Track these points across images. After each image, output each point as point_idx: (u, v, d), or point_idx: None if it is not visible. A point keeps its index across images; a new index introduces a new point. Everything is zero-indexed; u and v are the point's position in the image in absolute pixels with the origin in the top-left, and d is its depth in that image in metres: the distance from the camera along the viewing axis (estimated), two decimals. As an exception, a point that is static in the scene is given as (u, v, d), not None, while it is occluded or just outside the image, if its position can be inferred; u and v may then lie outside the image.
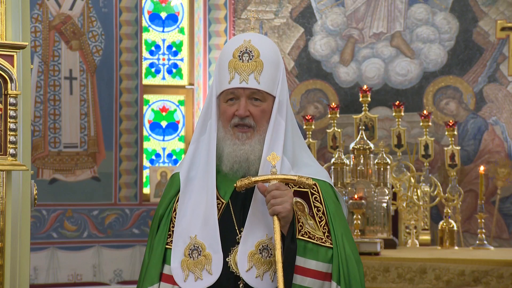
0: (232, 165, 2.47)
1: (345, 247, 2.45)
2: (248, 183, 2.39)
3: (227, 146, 2.48)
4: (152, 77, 8.61)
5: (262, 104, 2.48)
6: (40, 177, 7.87)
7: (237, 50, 2.49)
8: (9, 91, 2.52)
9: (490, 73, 8.08)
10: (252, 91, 2.47)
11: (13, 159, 2.53)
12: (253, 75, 2.46)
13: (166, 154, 8.56)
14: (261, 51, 2.49)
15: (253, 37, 2.52)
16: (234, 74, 2.47)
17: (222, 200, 2.50)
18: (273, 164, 2.41)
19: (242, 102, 2.46)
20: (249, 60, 2.47)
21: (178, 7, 8.66)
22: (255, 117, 2.47)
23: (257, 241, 2.44)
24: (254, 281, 2.41)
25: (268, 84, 2.48)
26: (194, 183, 2.52)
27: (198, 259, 2.44)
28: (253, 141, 2.47)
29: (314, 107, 8.38)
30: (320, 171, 2.57)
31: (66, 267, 7.91)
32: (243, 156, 2.46)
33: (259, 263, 2.42)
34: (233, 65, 2.47)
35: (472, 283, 5.04)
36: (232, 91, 2.47)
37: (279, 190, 2.38)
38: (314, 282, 2.41)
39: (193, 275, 2.44)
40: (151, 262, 2.51)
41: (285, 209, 2.37)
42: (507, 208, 7.93)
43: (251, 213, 2.45)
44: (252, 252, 2.43)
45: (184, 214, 2.50)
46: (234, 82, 2.46)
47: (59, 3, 8.05)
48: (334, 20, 8.42)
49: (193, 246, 2.45)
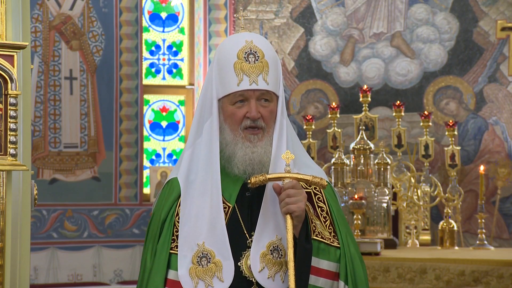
0: (246, 168, 2.44)
1: (350, 247, 2.46)
2: (262, 180, 2.38)
3: (238, 149, 2.45)
4: (152, 77, 8.61)
5: (270, 104, 2.47)
6: (40, 177, 7.87)
7: (241, 51, 2.46)
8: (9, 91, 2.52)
9: (490, 73, 8.07)
10: (262, 92, 2.45)
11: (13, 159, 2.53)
12: (261, 76, 2.44)
13: (166, 154, 8.56)
14: (265, 52, 2.47)
15: (254, 37, 2.50)
16: (243, 76, 2.44)
17: (228, 204, 2.48)
18: (287, 162, 2.40)
19: (253, 104, 2.44)
20: (255, 61, 2.45)
21: (178, 7, 8.66)
22: (265, 118, 2.46)
23: (268, 242, 2.43)
24: (266, 282, 2.40)
25: (274, 84, 2.48)
26: (194, 187, 2.48)
27: (208, 266, 2.41)
28: (264, 143, 2.46)
29: (314, 107, 8.38)
30: (319, 170, 2.57)
31: (66, 267, 7.91)
32: (257, 158, 2.44)
33: (270, 264, 2.41)
34: (240, 66, 2.44)
35: (472, 283, 5.04)
36: (242, 93, 2.44)
37: (295, 189, 2.37)
38: (326, 282, 2.42)
39: (203, 282, 2.41)
40: (155, 267, 2.47)
41: (300, 209, 2.35)
42: (507, 208, 7.93)
43: (262, 214, 2.43)
44: (264, 253, 2.42)
45: (187, 219, 2.46)
46: (244, 84, 2.43)
47: (59, 3, 8.05)
48: (334, 20, 8.42)
49: (201, 253, 2.42)
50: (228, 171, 2.48)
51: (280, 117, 2.48)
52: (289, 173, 2.40)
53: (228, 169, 2.47)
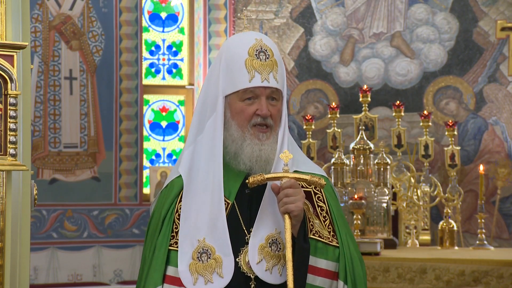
0: (252, 165, 2.45)
1: (349, 246, 2.46)
2: (260, 179, 2.38)
3: (246, 145, 2.45)
4: (152, 77, 8.61)
5: (278, 103, 2.48)
6: (40, 177, 7.87)
7: (252, 49, 2.47)
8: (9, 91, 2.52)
9: (490, 73, 8.08)
10: (272, 90, 2.46)
11: (13, 159, 2.53)
12: (272, 74, 2.46)
13: (166, 154, 8.57)
14: (273, 50, 2.49)
15: (262, 36, 2.52)
16: (254, 73, 2.44)
17: (227, 200, 2.48)
18: (285, 162, 2.41)
19: (264, 102, 2.45)
20: (266, 59, 2.46)
21: (178, 7, 8.67)
22: (273, 116, 2.47)
23: (267, 235, 2.43)
24: (264, 274, 2.41)
25: (282, 83, 2.50)
26: (196, 184, 2.49)
27: (208, 262, 2.42)
28: (271, 141, 2.47)
29: (314, 107, 8.38)
30: (316, 167, 2.59)
31: (66, 267, 7.91)
32: (264, 156, 2.45)
33: (268, 257, 2.42)
34: (251, 63, 2.45)
35: (472, 283, 5.04)
36: (253, 90, 2.44)
37: (293, 188, 2.37)
38: (324, 281, 2.42)
39: (203, 278, 2.42)
40: (154, 263, 2.48)
41: (298, 208, 2.36)
42: (507, 208, 7.93)
43: (261, 211, 2.44)
44: (262, 245, 2.42)
45: (188, 215, 2.47)
46: (256, 81, 2.44)
47: (59, 3, 8.05)
48: (334, 20, 8.42)
49: (201, 249, 2.43)
50: (232, 168, 2.49)
51: (285, 117, 2.50)
52: (287, 173, 2.40)
53: (233, 165, 2.48)
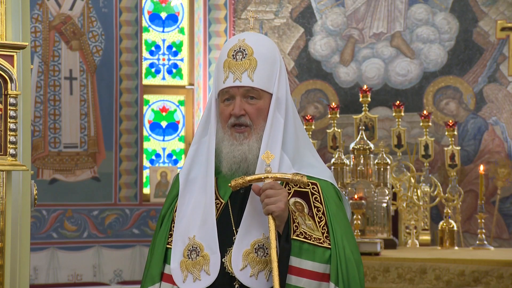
0: (231, 166, 2.46)
1: (345, 248, 2.42)
2: (242, 182, 2.37)
3: (225, 146, 2.47)
4: (152, 77, 8.61)
5: (258, 102, 2.46)
6: (40, 177, 7.86)
7: (231, 50, 2.48)
8: (9, 91, 2.52)
9: (490, 73, 8.07)
10: (247, 89, 2.45)
11: (13, 159, 2.54)
12: (246, 73, 2.45)
13: (166, 154, 8.56)
14: (255, 49, 2.47)
15: (248, 36, 2.51)
16: (228, 74, 2.46)
17: (221, 200, 2.50)
18: (267, 162, 2.39)
19: (237, 101, 2.45)
20: (242, 59, 2.46)
21: (178, 7, 8.66)
22: (251, 115, 2.46)
23: (253, 240, 2.42)
24: (248, 280, 2.40)
25: (263, 82, 2.46)
26: (195, 184, 2.52)
27: (197, 259, 2.44)
28: (251, 140, 2.46)
29: (314, 107, 8.38)
30: (323, 170, 2.55)
31: (66, 267, 7.91)
32: (241, 156, 2.45)
33: (254, 262, 2.41)
34: (227, 64, 2.47)
35: (472, 283, 5.04)
36: (227, 90, 2.46)
37: (273, 189, 2.36)
38: (309, 282, 2.39)
39: (192, 275, 2.44)
40: (153, 261, 2.52)
41: (279, 208, 2.35)
42: (507, 208, 7.93)
43: (247, 213, 2.44)
44: (247, 251, 2.41)
45: (184, 214, 2.50)
46: (228, 81, 2.46)
47: (59, 3, 8.05)
48: (334, 20, 8.42)
49: (191, 246, 2.45)
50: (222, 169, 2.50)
51: (273, 115, 2.47)
52: (269, 173, 2.38)
53: (220, 168, 2.50)
